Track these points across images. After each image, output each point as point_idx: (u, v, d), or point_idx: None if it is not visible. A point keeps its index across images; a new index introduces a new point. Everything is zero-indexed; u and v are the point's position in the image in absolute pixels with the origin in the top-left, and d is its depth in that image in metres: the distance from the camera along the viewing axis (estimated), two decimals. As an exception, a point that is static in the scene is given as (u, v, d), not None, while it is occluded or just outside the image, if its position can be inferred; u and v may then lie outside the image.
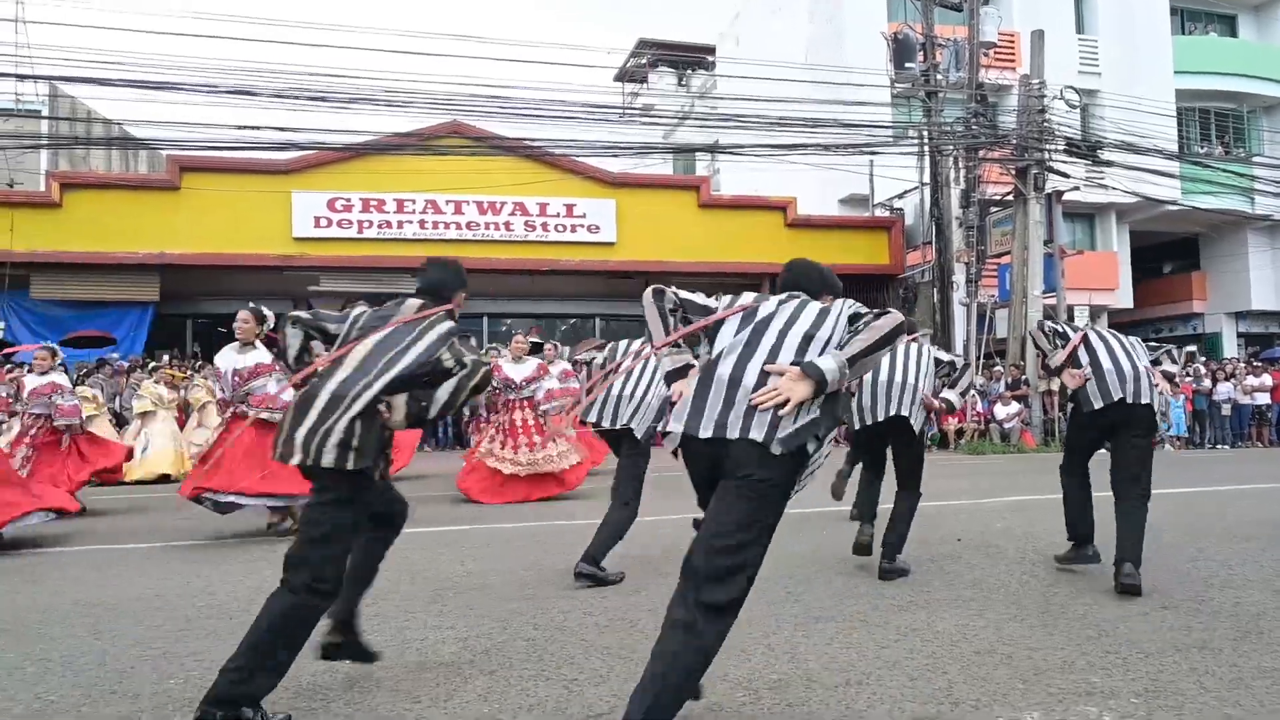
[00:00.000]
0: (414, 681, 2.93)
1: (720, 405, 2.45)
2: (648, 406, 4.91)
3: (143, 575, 4.88)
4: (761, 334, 2.55)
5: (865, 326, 2.54)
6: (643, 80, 30.77)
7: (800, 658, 3.13)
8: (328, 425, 2.76)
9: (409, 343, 2.97)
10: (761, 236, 19.28)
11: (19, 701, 2.80)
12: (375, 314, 3.11)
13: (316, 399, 2.83)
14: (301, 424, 2.79)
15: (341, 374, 2.89)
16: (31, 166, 16.96)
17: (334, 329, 3.12)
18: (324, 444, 2.74)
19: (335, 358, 2.95)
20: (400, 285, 18.01)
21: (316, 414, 2.79)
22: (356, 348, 2.97)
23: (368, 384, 2.85)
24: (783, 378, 2.40)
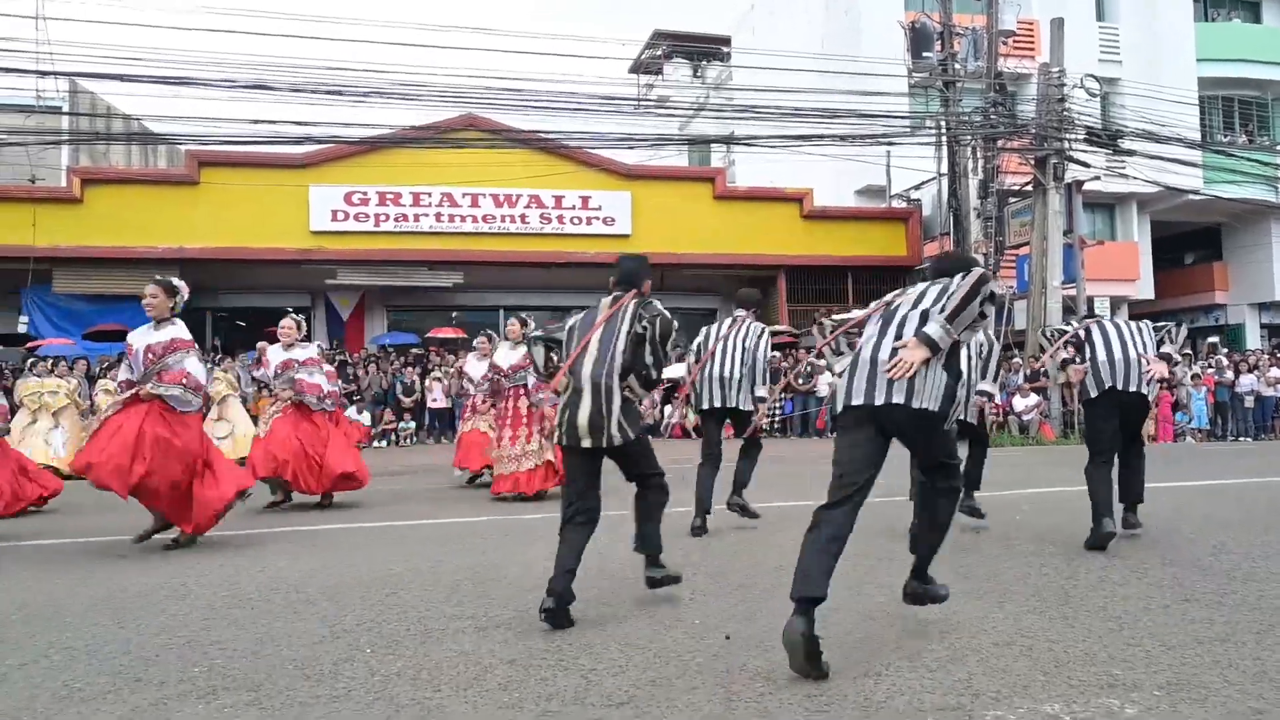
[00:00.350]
0: (434, 670, 2.95)
1: (867, 380, 3.08)
2: (741, 384, 5.90)
3: (165, 565, 4.94)
4: (890, 321, 3.19)
5: (955, 286, 3.09)
6: (658, 72, 30.67)
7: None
8: (604, 411, 3.64)
9: (617, 331, 3.77)
10: (777, 228, 19.21)
11: (46, 689, 2.85)
12: (587, 315, 3.90)
13: (582, 391, 3.67)
14: (580, 414, 3.64)
15: (589, 368, 3.70)
16: (53, 162, 17.13)
17: (561, 336, 3.89)
18: (608, 426, 3.63)
19: (576, 356, 3.72)
20: (416, 278, 18.12)
21: (589, 403, 3.65)
22: (590, 344, 3.76)
23: (610, 373, 3.68)
24: (904, 349, 3.03)
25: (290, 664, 3.05)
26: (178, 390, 5.41)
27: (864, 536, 5.42)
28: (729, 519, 6.28)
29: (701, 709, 2.56)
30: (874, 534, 5.56)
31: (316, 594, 4.12)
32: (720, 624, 3.45)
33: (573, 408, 3.68)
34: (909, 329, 3.08)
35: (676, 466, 10.22)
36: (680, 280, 20.49)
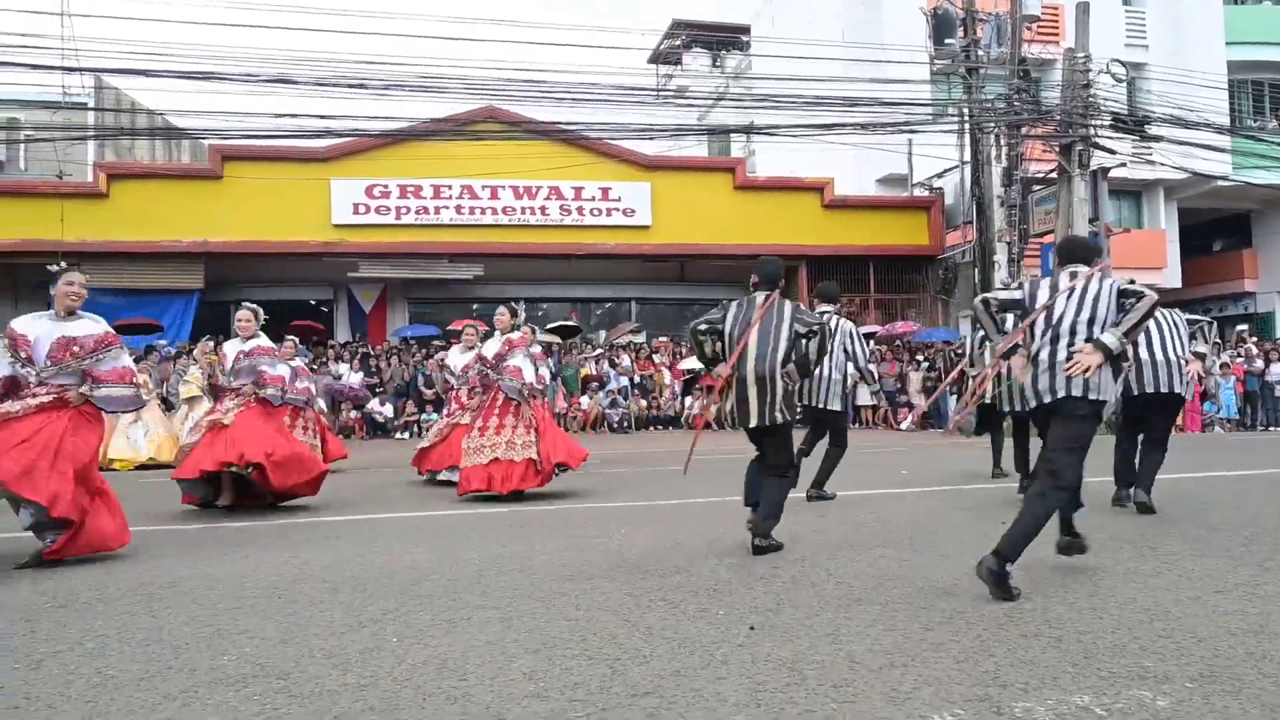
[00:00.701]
0: (460, 659, 2.97)
1: (1048, 378, 3.80)
2: (836, 383, 6.53)
3: (190, 557, 5.00)
4: (1059, 325, 3.84)
5: (1132, 307, 3.73)
6: (677, 62, 30.53)
7: (843, 639, 3.11)
8: (769, 398, 4.50)
9: (777, 325, 4.58)
10: (798, 218, 19.12)
11: (81, 676, 2.89)
12: (743, 313, 4.65)
13: (747, 380, 4.52)
14: (749, 401, 4.52)
15: (752, 363, 4.52)
16: (79, 158, 17.33)
17: (722, 328, 4.67)
18: (773, 410, 4.51)
19: (739, 353, 4.55)
20: (437, 270, 18.20)
21: (756, 391, 4.51)
22: (750, 341, 4.55)
23: (774, 363, 4.52)
24: (1081, 353, 3.70)
25: (318, 653, 3.08)
26: (129, 391, 5.05)
27: (888, 529, 5.41)
28: (717, 508, 6.28)
29: (727, 699, 2.55)
30: (898, 526, 5.54)
31: (341, 584, 4.15)
32: (744, 615, 3.44)
33: (741, 395, 4.55)
34: (1079, 337, 3.78)
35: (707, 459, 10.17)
36: (700, 271, 20.46)
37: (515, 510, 6.53)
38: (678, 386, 17.43)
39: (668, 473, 9.34)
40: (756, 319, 4.57)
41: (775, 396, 4.51)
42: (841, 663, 2.85)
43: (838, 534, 5.26)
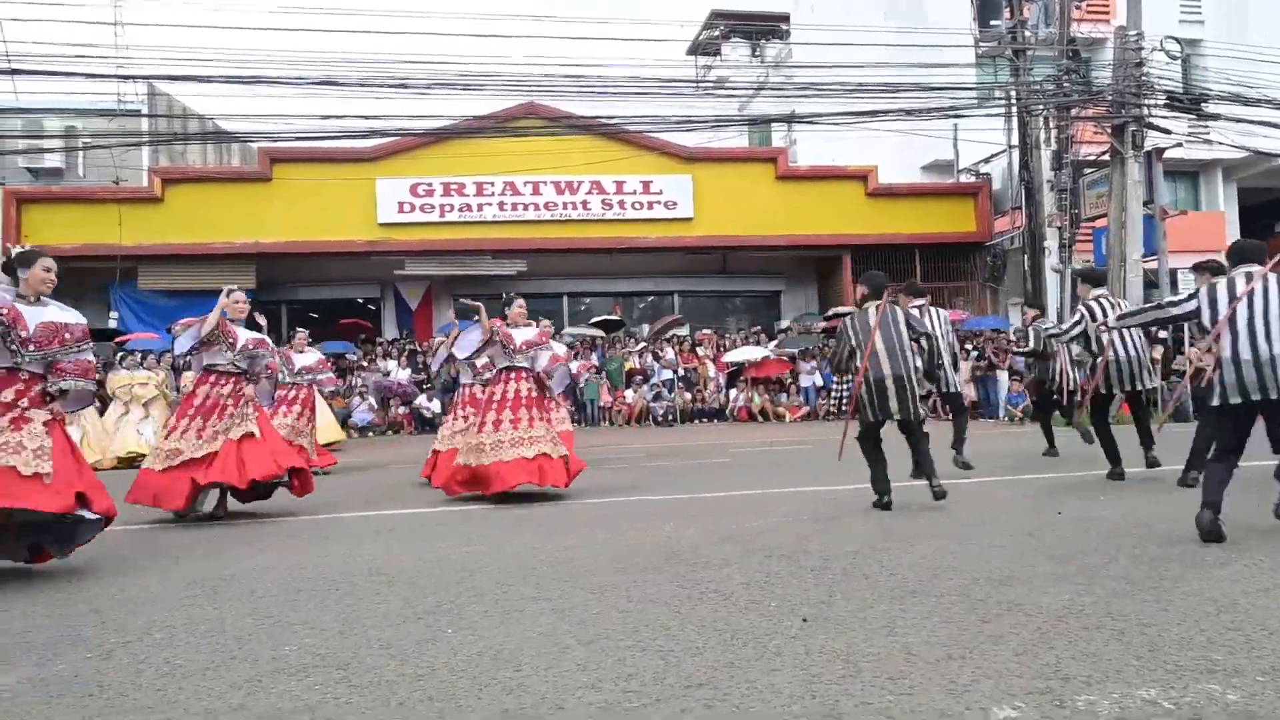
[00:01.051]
0: (514, 650, 3.00)
1: (1258, 376, 4.30)
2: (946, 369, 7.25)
3: (247, 550, 5.12)
4: (1252, 326, 4.32)
5: None
6: (716, 53, 30.35)
7: (898, 631, 3.08)
8: (909, 394, 5.44)
9: (897, 332, 5.49)
10: (841, 207, 18.92)
11: (150, 665, 2.98)
12: (860, 323, 5.58)
13: (885, 380, 5.41)
14: (890, 398, 5.43)
15: (887, 364, 5.41)
16: (134, 163, 17.81)
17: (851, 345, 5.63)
18: (916, 407, 5.49)
19: (870, 352, 5.43)
20: (481, 267, 18.36)
21: (895, 389, 5.38)
22: (875, 343, 5.42)
23: (909, 366, 5.45)
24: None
25: (376, 643, 3.13)
26: (90, 386, 4.77)
27: (941, 519, 5.33)
28: (799, 504, 6.24)
29: (782, 691, 2.54)
30: (951, 517, 5.46)
31: (395, 576, 4.22)
32: (796, 607, 3.42)
33: (880, 393, 5.42)
34: (1275, 330, 4.26)
35: (742, 450, 10.14)
36: (743, 263, 20.35)
37: (562, 504, 6.57)
38: (722, 379, 17.37)
39: (713, 466, 9.33)
40: (875, 326, 5.47)
41: (914, 394, 5.47)
42: (897, 655, 2.82)
43: (890, 525, 5.20)
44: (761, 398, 16.70)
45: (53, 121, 17.16)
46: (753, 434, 13.57)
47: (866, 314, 5.61)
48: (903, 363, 5.46)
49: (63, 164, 18.13)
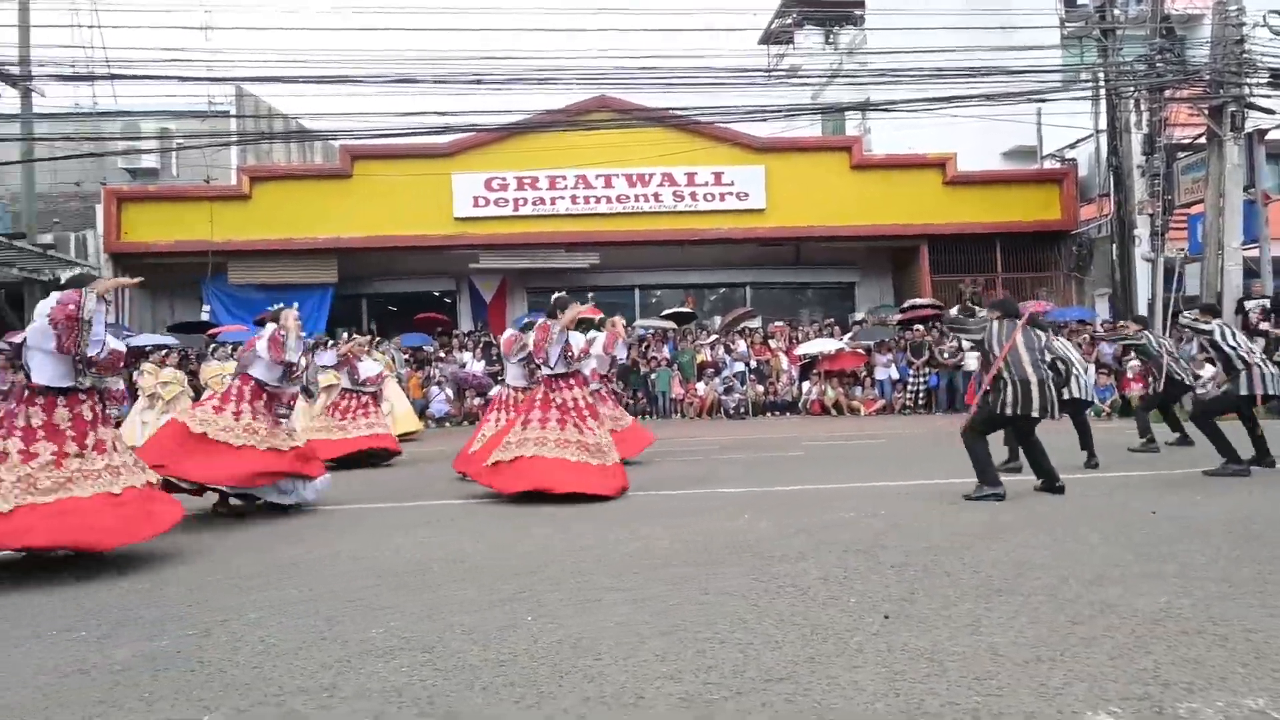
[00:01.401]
0: (593, 639, 3.03)
1: None
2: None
3: (335, 536, 5.29)
4: None
5: None
6: (789, 41, 29.92)
7: (983, 631, 3.00)
8: (1047, 395, 5.90)
9: (1034, 345, 6.04)
10: (918, 196, 18.46)
11: (246, 643, 3.11)
12: (996, 330, 6.08)
13: (1030, 381, 5.86)
14: (1033, 397, 5.84)
15: (1030, 367, 5.90)
16: (224, 163, 18.52)
17: (979, 336, 6.20)
18: (1053, 405, 5.98)
19: (1009, 351, 5.91)
20: (554, 260, 18.53)
21: (1038, 389, 5.85)
22: (1018, 347, 5.94)
23: (1044, 368, 6.01)
24: None
25: (458, 629, 3.20)
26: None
27: (1027, 516, 5.18)
28: (875, 498, 6.14)
29: (865, 688, 2.51)
30: (1037, 513, 5.30)
31: (476, 564, 4.31)
32: (877, 603, 3.37)
33: (1024, 391, 5.85)
34: None
35: (815, 443, 9.99)
36: (816, 254, 20.06)
37: (637, 497, 6.59)
38: (794, 372, 17.17)
39: (786, 459, 9.24)
40: (1017, 332, 6.00)
41: (1051, 395, 5.95)
42: (984, 655, 2.75)
43: (971, 520, 5.07)
44: (835, 391, 16.45)
45: (149, 123, 17.96)
46: (826, 427, 13.38)
47: (1005, 327, 6.10)
48: (1042, 370, 5.99)
49: (158, 164, 18.97)
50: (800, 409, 16.64)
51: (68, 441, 4.45)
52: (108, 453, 4.57)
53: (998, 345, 6.02)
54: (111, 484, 4.47)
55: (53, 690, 2.70)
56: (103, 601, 3.80)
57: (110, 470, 4.51)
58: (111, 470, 4.52)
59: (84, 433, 4.51)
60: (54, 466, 4.36)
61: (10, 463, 4.31)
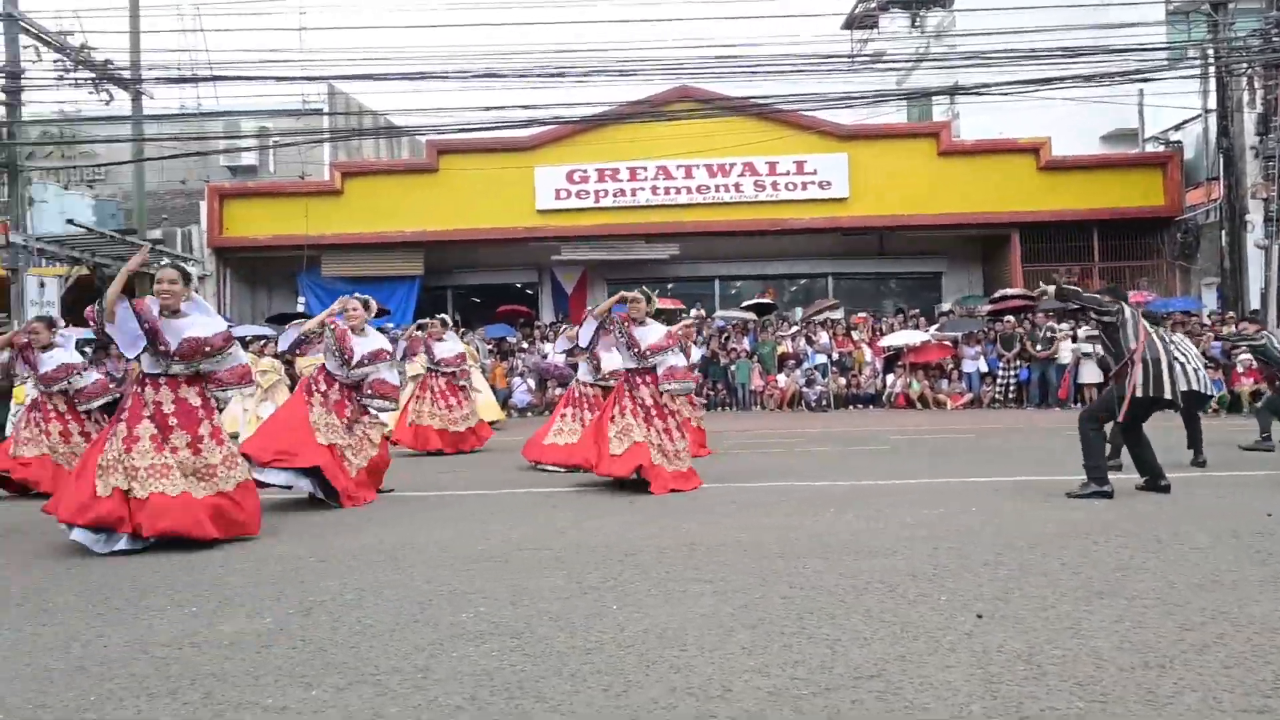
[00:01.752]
0: (679, 630, 3.03)
1: None
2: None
3: (425, 521, 5.44)
4: None
5: None
6: (873, 25, 29.23)
7: (1085, 634, 2.89)
8: (1177, 380, 5.80)
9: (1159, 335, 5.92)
10: (1009, 183, 17.84)
11: (344, 623, 3.22)
12: (1136, 314, 5.92)
13: (1162, 361, 5.68)
14: (1163, 379, 5.64)
15: (1165, 356, 5.72)
16: (317, 159, 19.18)
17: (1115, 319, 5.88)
18: (1178, 394, 5.87)
19: (1147, 339, 5.73)
20: (635, 251, 18.60)
21: (1168, 372, 5.67)
22: (1151, 337, 5.78)
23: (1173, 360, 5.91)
24: None
25: (545, 616, 3.25)
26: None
27: (1131, 517, 4.96)
28: (965, 494, 5.98)
29: (959, 689, 2.44)
30: (1141, 514, 5.07)
31: (561, 551, 4.36)
32: (969, 602, 3.28)
33: (1155, 372, 5.63)
34: None
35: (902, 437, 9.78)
36: (901, 244, 19.61)
37: (722, 487, 6.57)
38: (878, 364, 16.82)
39: (871, 452, 9.08)
40: (1141, 322, 5.88)
41: (1181, 381, 6.02)
42: (1085, 659, 2.65)
43: (1070, 519, 4.88)
44: (921, 384, 16.06)
45: (248, 122, 18.72)
46: (911, 421, 13.09)
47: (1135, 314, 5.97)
48: (1173, 353, 6.07)
49: (257, 161, 19.76)
50: (884, 402, 16.31)
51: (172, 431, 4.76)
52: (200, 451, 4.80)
53: (1132, 325, 5.77)
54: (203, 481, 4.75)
55: (169, 661, 2.85)
56: (209, 579, 3.99)
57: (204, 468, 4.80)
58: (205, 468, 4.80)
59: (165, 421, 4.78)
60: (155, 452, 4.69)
61: (142, 447, 4.65)
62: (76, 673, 2.77)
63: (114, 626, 3.27)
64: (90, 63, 14.84)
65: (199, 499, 4.67)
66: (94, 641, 3.09)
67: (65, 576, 4.15)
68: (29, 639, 3.16)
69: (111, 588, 3.88)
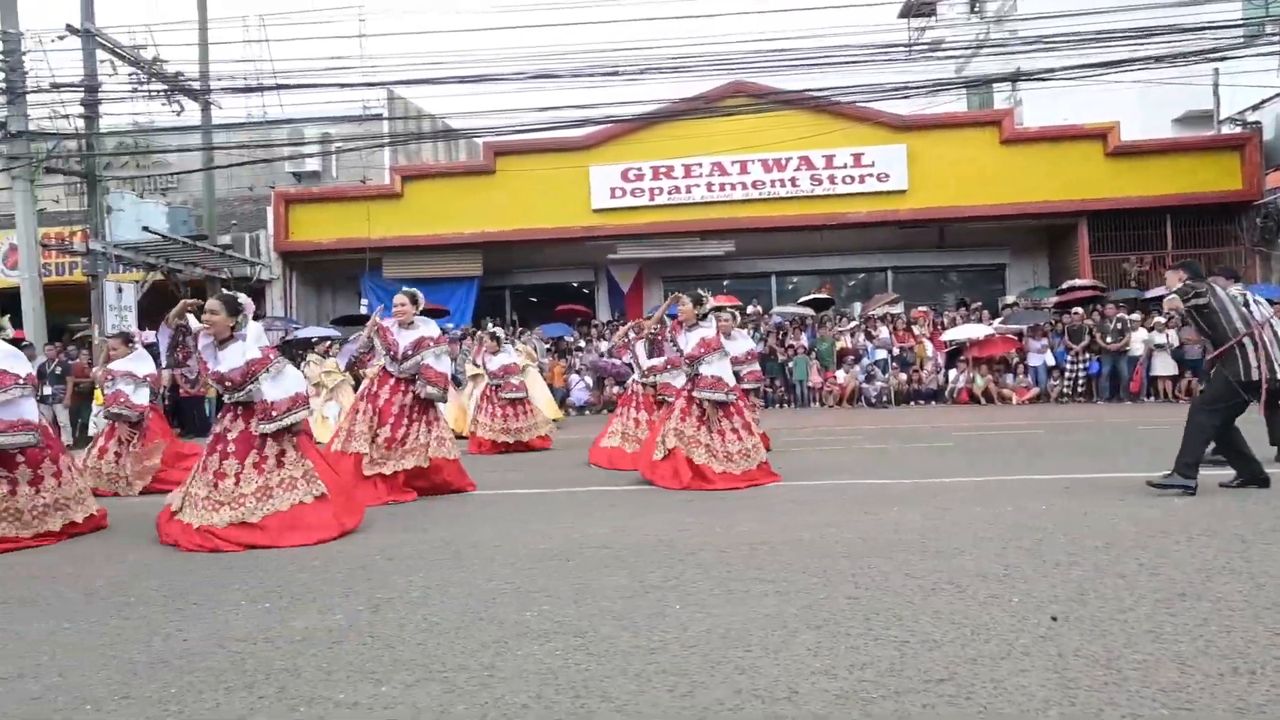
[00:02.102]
0: (742, 630, 3.01)
1: None
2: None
3: (488, 519, 5.50)
4: None
5: None
6: (931, 13, 28.63)
7: (1166, 638, 2.78)
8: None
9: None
10: (1076, 170, 17.31)
11: (411, 621, 3.27)
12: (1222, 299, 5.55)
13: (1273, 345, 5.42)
14: (1275, 362, 5.37)
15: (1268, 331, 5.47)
16: (378, 163, 19.55)
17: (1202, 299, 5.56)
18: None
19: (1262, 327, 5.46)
20: (689, 248, 18.55)
21: (1267, 359, 5.37)
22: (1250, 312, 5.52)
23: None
24: None
25: (608, 615, 3.25)
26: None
27: (1213, 516, 4.76)
28: (1035, 491, 5.82)
29: (1035, 694, 2.37)
30: (1226, 513, 4.87)
31: (622, 550, 4.37)
32: (1043, 604, 3.19)
33: (1268, 355, 5.39)
34: None
35: (962, 434, 9.57)
36: (962, 235, 19.19)
37: (782, 485, 6.51)
38: (940, 359, 16.49)
39: (935, 450, 8.90)
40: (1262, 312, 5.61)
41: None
42: (1168, 665, 2.55)
43: (1147, 518, 4.71)
44: (985, 378, 15.69)
45: (311, 129, 19.18)
46: (976, 417, 12.79)
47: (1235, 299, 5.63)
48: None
49: (320, 167, 20.24)
50: (946, 398, 15.99)
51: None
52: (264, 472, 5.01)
53: (1232, 308, 5.48)
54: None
55: (244, 656, 2.93)
56: (281, 575, 4.10)
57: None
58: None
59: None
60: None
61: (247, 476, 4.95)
62: (158, 665, 2.87)
63: (192, 621, 3.38)
64: (162, 75, 15.37)
65: (220, 528, 4.81)
66: (174, 635, 3.20)
67: (146, 572, 4.31)
68: (113, 632, 3.28)
69: (189, 583, 4.01)
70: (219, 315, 5.01)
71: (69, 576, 4.28)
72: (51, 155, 14.04)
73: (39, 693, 2.69)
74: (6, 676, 2.84)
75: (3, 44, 13.15)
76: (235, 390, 5.03)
